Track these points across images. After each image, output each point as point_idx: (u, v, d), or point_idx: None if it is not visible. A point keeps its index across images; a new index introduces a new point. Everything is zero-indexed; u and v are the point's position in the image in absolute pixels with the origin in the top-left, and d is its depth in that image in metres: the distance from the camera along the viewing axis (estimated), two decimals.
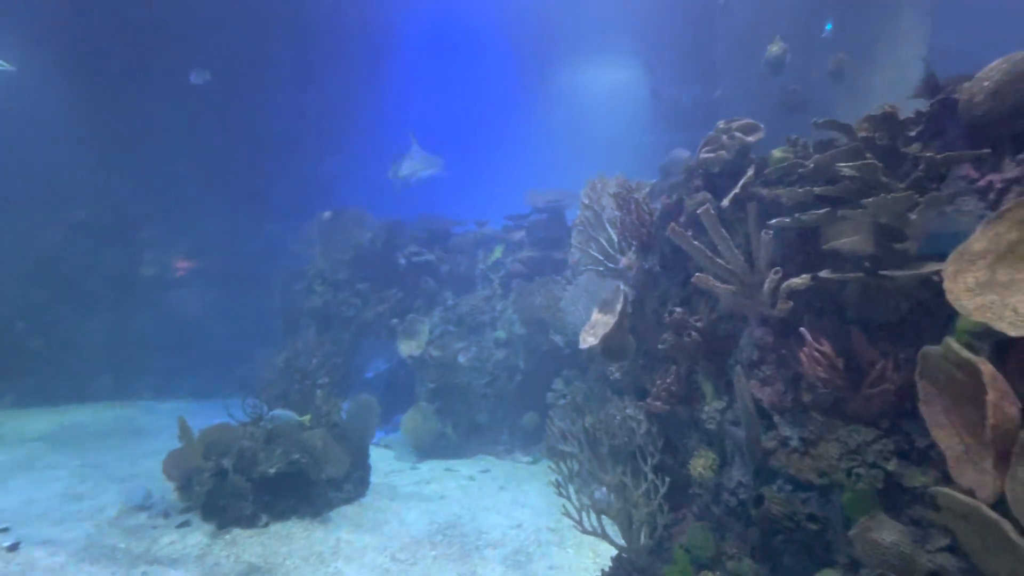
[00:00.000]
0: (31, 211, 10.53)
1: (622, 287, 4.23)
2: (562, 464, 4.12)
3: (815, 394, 3.16)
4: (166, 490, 6.06)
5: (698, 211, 3.38)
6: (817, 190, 3.02)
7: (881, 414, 2.94)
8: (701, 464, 3.81)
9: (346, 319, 9.12)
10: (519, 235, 9.71)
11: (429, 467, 7.76)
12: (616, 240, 4.57)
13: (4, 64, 10.82)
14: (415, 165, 9.50)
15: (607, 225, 4.66)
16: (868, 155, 2.83)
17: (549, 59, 13.91)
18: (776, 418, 3.39)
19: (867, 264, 2.86)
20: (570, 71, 14.00)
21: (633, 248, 4.30)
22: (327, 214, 9.44)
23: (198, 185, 11.52)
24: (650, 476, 3.87)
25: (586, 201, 4.91)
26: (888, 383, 2.82)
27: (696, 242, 3.46)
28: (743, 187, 3.62)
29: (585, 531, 4.07)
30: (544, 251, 9.43)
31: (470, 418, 8.56)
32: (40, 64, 10.43)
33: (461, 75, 14.20)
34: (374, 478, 6.74)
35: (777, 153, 3.67)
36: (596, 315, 4.24)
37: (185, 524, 5.43)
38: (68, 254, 10.78)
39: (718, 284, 3.44)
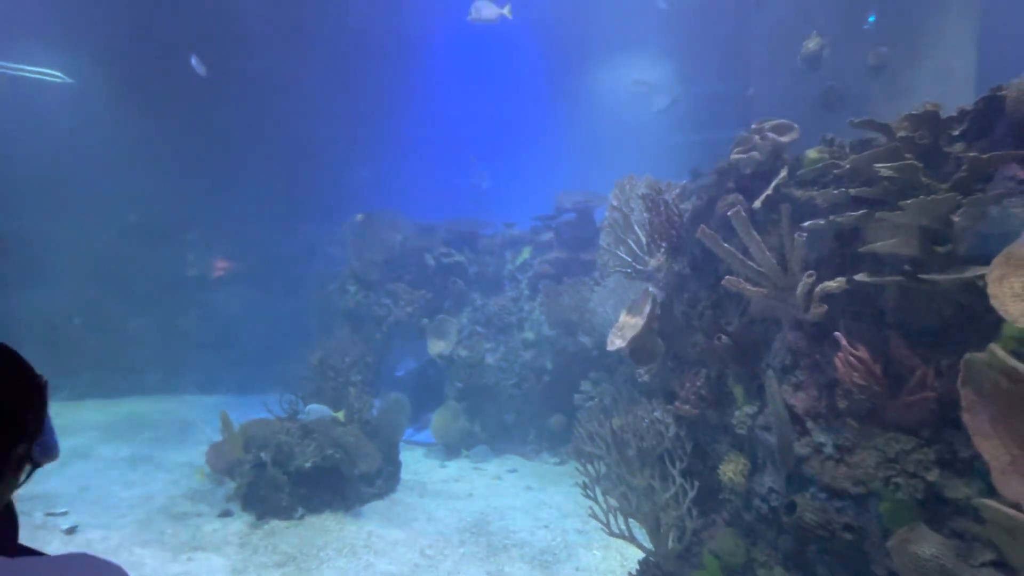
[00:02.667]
0: (87, 214, 11.21)
1: (651, 289, 4.21)
2: (589, 466, 4.13)
3: (851, 400, 3.08)
4: (210, 480, 6.36)
5: (728, 213, 3.35)
6: (853, 191, 2.95)
7: (921, 423, 2.85)
8: (731, 469, 3.76)
9: (378, 319, 9.34)
10: (547, 236, 9.73)
11: (457, 465, 7.88)
12: (645, 242, 4.54)
13: (63, 77, 11.57)
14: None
15: (636, 227, 4.64)
16: (908, 155, 2.74)
17: (578, 60, 13.87)
18: (809, 424, 3.32)
19: (907, 267, 2.78)
20: (599, 71, 13.91)
21: (662, 250, 4.28)
22: (360, 217, 9.69)
23: (238, 189, 12.02)
24: (679, 480, 3.84)
25: (615, 203, 4.90)
26: (929, 391, 2.73)
27: (727, 244, 3.42)
28: (776, 188, 3.55)
29: (612, 534, 4.07)
30: (572, 252, 9.42)
31: (498, 418, 8.64)
32: (95, 78, 11.10)
33: (489, 77, 14.30)
34: (404, 474, 6.90)
35: (812, 153, 3.59)
36: (624, 317, 4.23)
37: (227, 513, 5.69)
38: (120, 255, 11.43)
39: (749, 287, 3.39)
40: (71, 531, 5.22)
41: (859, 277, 2.91)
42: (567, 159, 15.68)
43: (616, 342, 4.11)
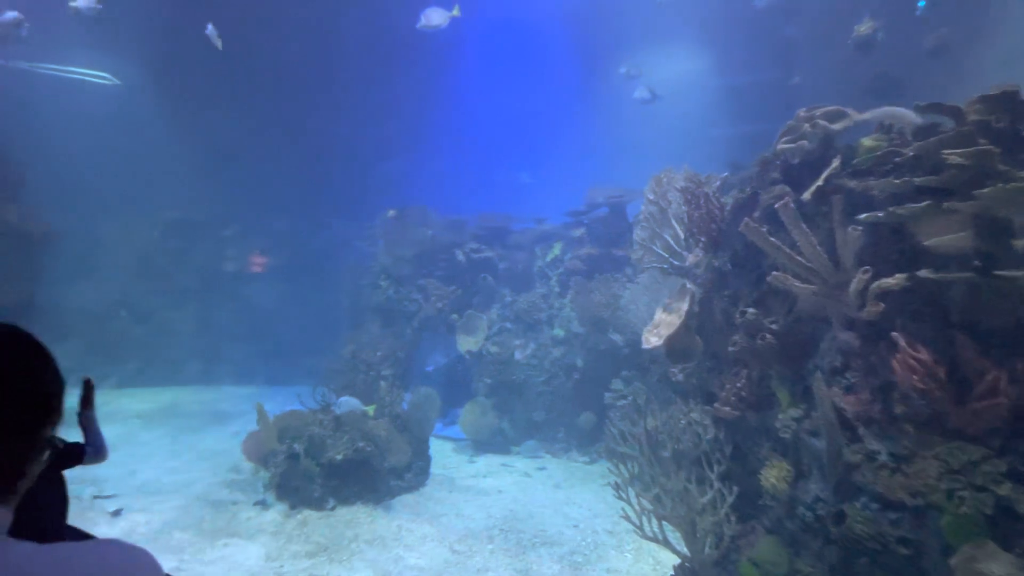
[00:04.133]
0: (133, 212, 11.67)
1: (688, 286, 4.05)
2: (621, 466, 4.02)
3: (910, 406, 2.87)
4: (245, 469, 6.52)
5: (776, 205, 3.17)
6: (917, 181, 2.73)
7: (991, 431, 2.63)
8: (774, 475, 3.59)
9: (408, 314, 9.39)
10: (578, 232, 9.58)
11: (485, 461, 7.85)
12: (683, 237, 4.38)
13: (111, 79, 12.04)
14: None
15: (673, 221, 4.48)
16: (982, 140, 2.52)
17: (610, 52, 13.59)
18: (861, 430, 3.12)
19: (977, 263, 2.56)
20: (632, 62, 13.60)
21: (701, 245, 4.11)
22: (391, 212, 9.77)
23: (273, 186, 12.31)
24: (716, 484, 3.68)
25: (651, 196, 4.74)
26: (1002, 397, 2.51)
27: (773, 239, 3.25)
28: (827, 179, 3.34)
29: (645, 536, 3.94)
30: (604, 248, 9.25)
31: (527, 415, 8.57)
32: (140, 81, 11.51)
33: (521, 73, 14.19)
34: (433, 469, 6.90)
35: (867, 142, 3.36)
36: (660, 315, 4.09)
37: (261, 502, 5.81)
38: (162, 250, 11.86)
39: (797, 283, 3.21)
40: (116, 513, 5.42)
41: (922, 273, 2.71)
42: (599, 154, 15.44)
43: (651, 340, 3.98)
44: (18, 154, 9.89)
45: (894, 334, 2.84)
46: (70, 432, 1.64)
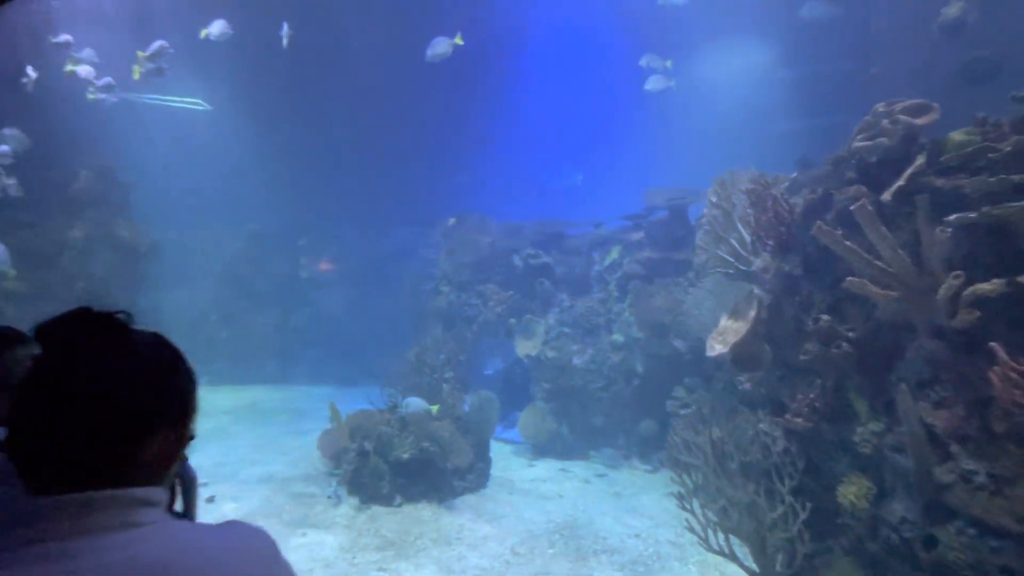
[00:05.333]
0: (219, 224, 12.82)
1: (756, 291, 3.91)
2: (685, 476, 3.94)
3: (1011, 423, 2.64)
4: (320, 464, 6.96)
5: (852, 207, 3.01)
6: (1016, 178, 2.52)
7: None
8: (853, 492, 3.39)
9: (468, 318, 9.64)
10: (637, 236, 9.43)
11: (544, 465, 7.90)
12: (749, 240, 4.23)
13: (202, 105, 13.27)
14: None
15: (738, 224, 4.34)
16: None
17: (669, 52, 13.27)
18: (954, 448, 2.90)
19: None
20: (690, 60, 13.22)
21: (768, 249, 3.96)
22: (452, 220, 10.08)
23: (342, 197, 13.12)
24: (788, 499, 3.53)
25: (714, 199, 4.62)
26: None
27: (848, 242, 3.09)
28: (911, 178, 3.14)
29: (711, 549, 3.84)
30: (664, 252, 9.05)
31: (585, 420, 8.53)
32: (227, 106, 12.61)
33: (579, 77, 14.18)
34: (492, 471, 7.04)
35: (957, 136, 3.12)
36: (725, 321, 3.98)
37: (335, 495, 6.18)
38: (246, 259, 12.93)
39: (876, 289, 3.03)
40: (211, 500, 5.98)
41: None
42: (658, 155, 15.12)
43: (716, 347, 3.88)
44: (125, 176, 11.14)
45: (992, 345, 2.62)
46: None
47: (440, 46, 8.75)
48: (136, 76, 8.45)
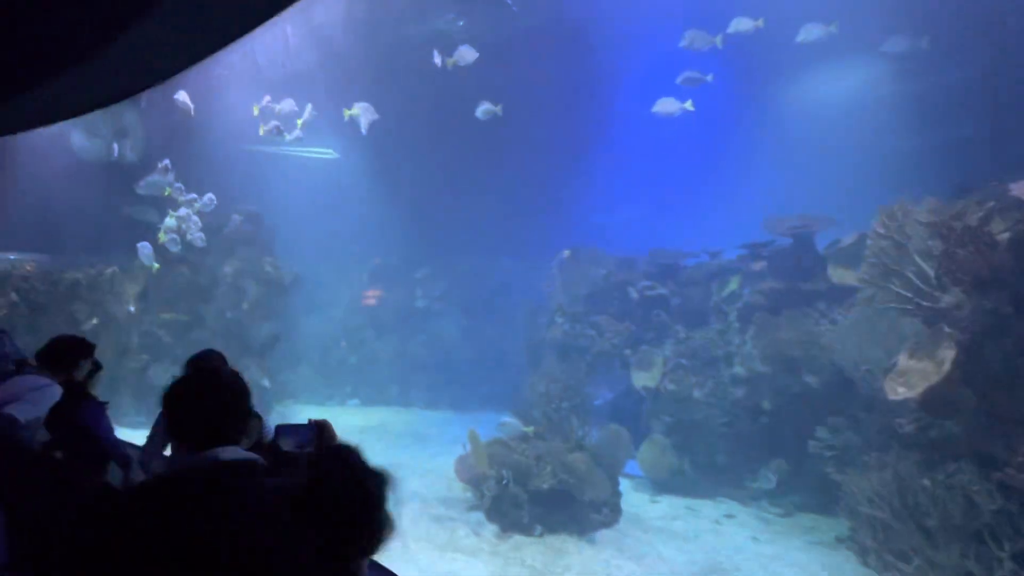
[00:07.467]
0: (347, 259, 14.24)
1: (947, 330, 3.74)
2: (868, 531, 3.79)
3: None
4: (456, 488, 7.40)
5: None
6: None
7: None
8: None
9: (582, 349, 9.84)
10: (758, 265, 9.17)
11: (668, 502, 7.78)
12: (932, 275, 4.04)
13: (331, 153, 14.94)
14: None
15: (916, 257, 4.16)
16: None
17: (771, 67, 12.87)
18: None
19: None
20: (795, 79, 12.72)
21: (963, 285, 3.75)
22: (566, 253, 10.44)
23: (455, 232, 14.08)
24: (1009, 565, 3.28)
25: (881, 230, 4.48)
26: None
27: None
28: None
29: None
30: (789, 282, 8.71)
31: (708, 456, 8.31)
32: (352, 152, 14.09)
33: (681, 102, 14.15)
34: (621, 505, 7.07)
35: None
36: (906, 360, 3.84)
37: (476, 522, 6.56)
38: (369, 290, 14.21)
39: None
40: None
41: None
42: (768, 178, 14.57)
43: (899, 390, 3.74)
44: (270, 218, 12.78)
45: None
46: None
47: (668, 105, 9.80)
48: (261, 133, 9.65)
